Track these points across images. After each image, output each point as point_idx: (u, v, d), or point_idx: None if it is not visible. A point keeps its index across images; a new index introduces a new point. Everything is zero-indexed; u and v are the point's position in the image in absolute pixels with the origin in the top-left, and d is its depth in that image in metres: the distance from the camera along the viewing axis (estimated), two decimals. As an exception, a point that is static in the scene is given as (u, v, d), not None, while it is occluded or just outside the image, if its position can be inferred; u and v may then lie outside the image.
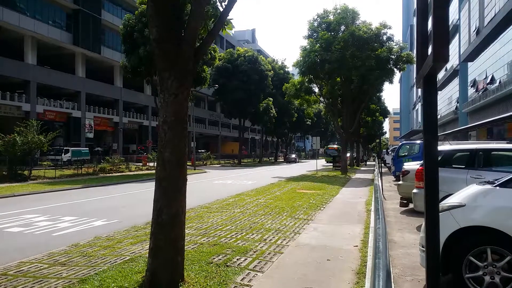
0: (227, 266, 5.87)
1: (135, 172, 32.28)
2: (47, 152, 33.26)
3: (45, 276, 5.62)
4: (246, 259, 6.30)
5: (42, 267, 6.07)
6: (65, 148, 38.80)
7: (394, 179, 22.63)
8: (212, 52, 33.49)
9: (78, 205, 13.71)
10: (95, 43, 45.36)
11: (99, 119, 48.20)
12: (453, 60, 51.26)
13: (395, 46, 30.06)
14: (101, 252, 6.93)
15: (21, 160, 23.31)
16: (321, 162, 56.53)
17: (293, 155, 72.15)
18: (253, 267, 5.89)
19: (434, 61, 1.45)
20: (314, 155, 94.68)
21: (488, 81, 36.54)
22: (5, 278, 5.56)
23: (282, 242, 7.55)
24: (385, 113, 61.28)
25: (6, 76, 36.24)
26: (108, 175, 28.98)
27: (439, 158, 9.09)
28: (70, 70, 44.14)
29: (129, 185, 22.14)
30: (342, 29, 30.48)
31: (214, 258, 6.25)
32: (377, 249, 2.85)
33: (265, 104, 53.58)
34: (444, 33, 1.43)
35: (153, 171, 22.30)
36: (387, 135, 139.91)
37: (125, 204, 14.15)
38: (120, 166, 33.72)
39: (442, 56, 1.43)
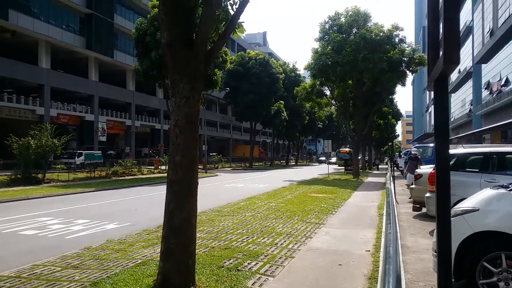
0: (238, 270, 5.86)
1: (147, 176, 32.46)
2: (60, 156, 33.66)
3: (57, 279, 5.66)
4: (257, 263, 6.29)
5: (55, 270, 6.12)
6: (78, 151, 39.16)
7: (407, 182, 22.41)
8: (224, 55, 33.58)
9: (90, 208, 13.82)
10: (108, 47, 45.83)
11: (112, 123, 48.61)
12: (467, 62, 50.68)
13: (407, 48, 29.87)
14: (113, 255, 6.97)
15: (35, 163, 23.54)
16: (333, 166, 56.39)
17: (334, 159, 75.00)
18: (264, 272, 5.87)
19: (445, 63, 1.43)
20: (326, 158, 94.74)
21: (502, 83, 36.01)
22: (19, 281, 5.61)
23: (293, 246, 7.52)
24: (397, 116, 60.80)
25: (21, 80, 36.78)
26: (120, 178, 29.18)
27: (452, 162, 9.01)
28: (83, 74, 44.62)
29: (141, 188, 22.26)
30: (353, 32, 30.36)
31: (225, 262, 6.24)
32: (387, 255, 2.81)
33: (276, 107, 53.55)
34: (455, 35, 1.41)
35: (165, 175, 22.39)
36: (399, 138, 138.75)
37: (137, 207, 14.23)
38: (133, 169, 33.93)
39: (453, 59, 1.41)
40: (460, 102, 58.31)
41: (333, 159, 70.54)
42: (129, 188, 22.05)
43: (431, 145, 24.69)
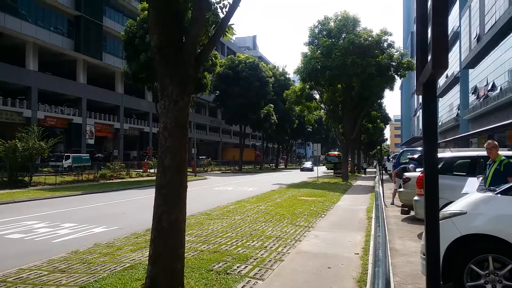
0: (227, 273, 5.84)
1: (136, 179, 32.25)
2: (47, 159, 33.26)
3: (44, 284, 5.58)
4: (247, 266, 6.27)
5: (41, 274, 6.04)
6: (65, 154, 38.74)
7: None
8: (213, 58, 33.55)
9: (78, 212, 13.68)
10: (97, 49, 45.49)
11: (100, 125, 48.22)
12: (454, 67, 51.29)
13: (395, 53, 30.13)
14: (101, 259, 6.90)
15: (22, 166, 23.27)
16: (322, 169, 56.47)
17: (309, 163, 60.83)
18: (254, 275, 5.85)
19: (433, 68, 1.44)
20: (315, 162, 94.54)
21: (489, 88, 36.52)
22: (4, 285, 5.53)
23: (282, 249, 7.51)
24: (386, 120, 61.34)
25: (8, 82, 36.30)
26: (108, 181, 28.94)
27: (440, 165, 9.09)
28: (71, 76, 44.23)
29: (129, 191, 22.09)
30: (343, 36, 30.54)
31: (214, 266, 6.22)
32: (376, 258, 2.83)
33: (266, 111, 53.57)
34: (443, 40, 1.42)
35: (154, 178, 22.23)
36: (388, 142, 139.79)
37: (126, 211, 14.11)
38: (121, 172, 33.68)
39: (441, 63, 1.42)
40: (447, 106, 58.98)
41: (308, 164, 60.94)
42: (118, 192, 21.86)
43: (419, 149, 24.85)
